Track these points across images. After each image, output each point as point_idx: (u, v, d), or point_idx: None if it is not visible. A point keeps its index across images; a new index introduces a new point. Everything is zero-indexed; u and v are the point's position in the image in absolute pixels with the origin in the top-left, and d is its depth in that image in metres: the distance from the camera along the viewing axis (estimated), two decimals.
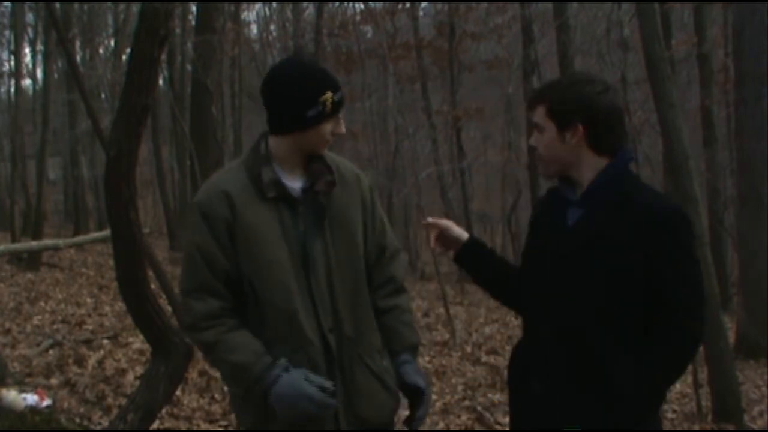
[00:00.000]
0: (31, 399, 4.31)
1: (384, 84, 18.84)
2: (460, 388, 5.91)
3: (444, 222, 2.19)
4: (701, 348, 5.43)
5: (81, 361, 5.79)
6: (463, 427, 4.90)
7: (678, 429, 5.33)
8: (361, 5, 20.06)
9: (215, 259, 1.97)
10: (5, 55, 26.98)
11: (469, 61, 17.80)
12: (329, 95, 2.00)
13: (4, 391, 4.27)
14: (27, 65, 23.86)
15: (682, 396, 6.17)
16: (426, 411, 2.13)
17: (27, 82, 25.27)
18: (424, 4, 19.46)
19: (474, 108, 16.40)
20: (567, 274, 1.87)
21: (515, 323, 9.06)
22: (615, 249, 1.80)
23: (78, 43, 20.04)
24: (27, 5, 18.15)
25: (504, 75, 17.41)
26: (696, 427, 5.27)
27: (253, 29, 23.02)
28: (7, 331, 7.04)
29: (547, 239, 1.97)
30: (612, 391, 1.79)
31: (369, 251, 2.15)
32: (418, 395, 2.12)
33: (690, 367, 5.61)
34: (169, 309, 5.84)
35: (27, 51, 23.58)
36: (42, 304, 8.78)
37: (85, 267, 13.15)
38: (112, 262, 4.46)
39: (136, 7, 14.90)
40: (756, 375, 7.15)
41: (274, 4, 21.07)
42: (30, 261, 11.74)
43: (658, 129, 6.70)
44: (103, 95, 19.58)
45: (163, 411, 4.29)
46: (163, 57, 8.18)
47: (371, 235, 2.15)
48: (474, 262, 2.18)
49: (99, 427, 4.28)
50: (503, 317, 10.07)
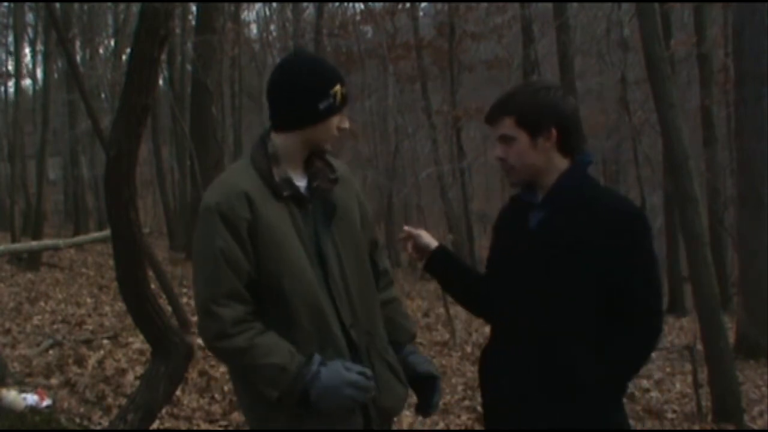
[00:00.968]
0: (31, 399, 4.31)
1: (384, 84, 18.83)
2: (460, 388, 5.91)
3: (417, 231, 2.25)
4: (701, 348, 5.46)
5: (81, 361, 5.79)
6: (463, 427, 4.90)
7: (678, 429, 5.33)
8: (361, 5, 20.06)
9: (239, 264, 1.93)
10: (5, 55, 26.96)
11: (469, 61, 17.80)
12: (339, 87, 2.01)
13: (4, 391, 4.27)
14: (27, 65, 23.90)
15: (682, 396, 6.17)
16: (440, 397, 2.19)
17: (27, 82, 25.32)
18: (424, 4, 19.46)
19: (474, 108, 16.37)
20: (528, 275, 1.92)
21: None
22: (575, 249, 1.85)
23: (78, 43, 20.06)
24: (27, 5, 18.17)
25: (504, 75, 17.41)
26: (696, 427, 5.27)
27: (253, 29, 23.06)
28: (7, 331, 7.04)
29: (510, 243, 2.03)
30: (575, 387, 1.84)
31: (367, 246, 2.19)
32: (431, 383, 2.17)
33: (690, 367, 5.62)
34: (169, 309, 5.84)
35: (27, 51, 23.63)
36: (42, 304, 8.78)
37: (85, 267, 13.16)
38: (112, 262, 4.46)
39: (136, 7, 14.90)
40: (756, 375, 7.15)
41: (274, 4, 21.08)
42: (30, 261, 11.74)
43: (658, 129, 6.71)
44: (103, 95, 19.60)
45: (163, 411, 4.29)
46: (163, 57, 8.18)
47: (367, 231, 2.19)
48: (441, 270, 2.24)
49: (99, 427, 4.27)
50: None
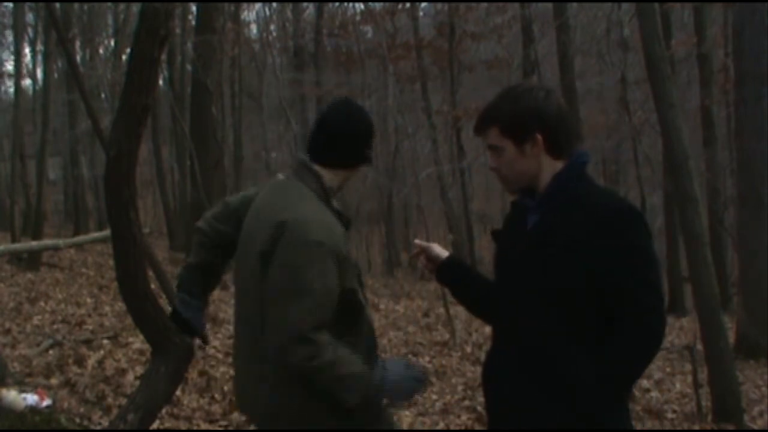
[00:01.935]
0: (31, 399, 4.31)
1: (384, 84, 18.85)
2: (460, 388, 5.91)
3: (427, 244, 2.32)
4: (701, 348, 5.45)
5: (81, 361, 5.78)
6: (463, 427, 4.90)
7: (678, 429, 5.33)
8: (361, 5, 20.07)
9: (336, 295, 2.10)
10: (5, 55, 26.97)
11: (469, 61, 17.81)
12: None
13: (4, 391, 4.27)
14: (27, 65, 23.88)
15: (682, 396, 6.17)
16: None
17: (27, 82, 25.28)
18: (424, 4, 19.48)
19: (474, 108, 16.37)
20: (525, 275, 1.91)
21: None
22: (569, 249, 1.82)
23: (78, 43, 20.05)
24: (27, 5, 18.16)
25: (504, 75, 17.42)
26: (696, 427, 5.27)
27: (253, 29, 23.05)
28: (7, 331, 7.04)
29: (509, 245, 2.03)
30: (573, 388, 1.81)
31: None
32: None
33: (690, 367, 5.62)
34: (169, 309, 5.84)
35: (27, 51, 23.59)
36: (42, 304, 8.78)
37: (85, 267, 13.16)
38: (112, 262, 4.45)
39: (136, 7, 14.91)
40: (756, 375, 7.15)
41: (274, 4, 21.09)
42: (30, 261, 11.74)
43: (658, 129, 6.71)
44: (103, 95, 19.60)
45: (163, 411, 4.30)
46: (163, 57, 8.18)
47: None
48: (452, 278, 2.28)
49: (99, 427, 4.28)
50: None
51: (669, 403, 5.88)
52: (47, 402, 4.46)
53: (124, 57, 18.08)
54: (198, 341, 2.70)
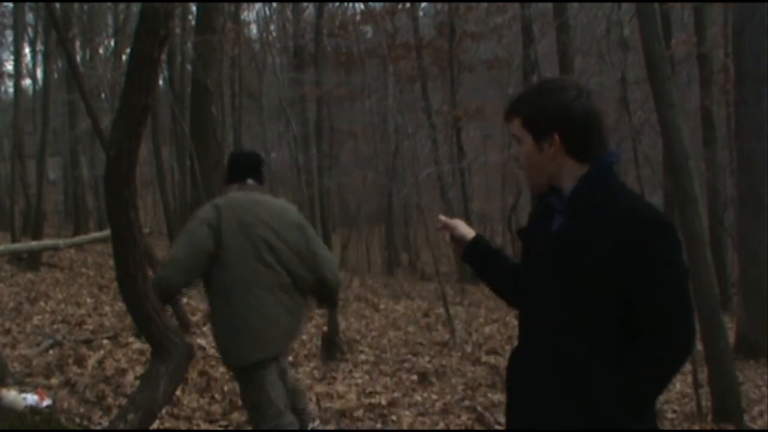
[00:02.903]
0: (31, 399, 4.31)
1: (384, 84, 18.83)
2: (460, 388, 5.91)
3: (453, 222, 2.23)
4: (701, 348, 5.45)
5: (81, 361, 5.78)
6: (463, 427, 4.90)
7: (678, 429, 5.33)
8: (361, 5, 20.07)
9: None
10: (5, 55, 26.97)
11: (469, 61, 17.82)
12: None
13: (4, 391, 4.27)
14: (27, 65, 23.88)
15: (682, 396, 6.18)
16: None
17: (27, 82, 25.28)
18: (424, 4, 19.48)
19: (474, 108, 16.40)
20: (547, 279, 1.87)
21: (515, 323, 9.04)
22: (591, 255, 1.77)
23: (78, 43, 20.04)
24: (27, 5, 18.16)
25: (504, 75, 17.42)
26: (696, 427, 5.27)
27: (253, 29, 23.03)
28: (7, 331, 7.04)
29: (533, 245, 1.98)
30: (591, 401, 1.77)
31: None
32: None
33: (690, 367, 5.62)
34: (169, 309, 5.84)
35: (27, 51, 23.60)
36: (42, 304, 8.78)
37: (85, 267, 13.16)
38: (112, 262, 4.45)
39: (136, 7, 14.91)
40: (756, 375, 7.15)
41: (274, 4, 21.08)
42: (30, 261, 11.74)
43: (658, 129, 6.70)
44: (103, 95, 19.58)
45: (163, 411, 4.29)
46: (163, 57, 8.18)
47: None
48: (478, 259, 2.21)
49: (99, 427, 4.27)
50: (503, 317, 10.08)
51: (669, 403, 5.88)
52: (47, 402, 4.47)
53: (124, 57, 18.07)
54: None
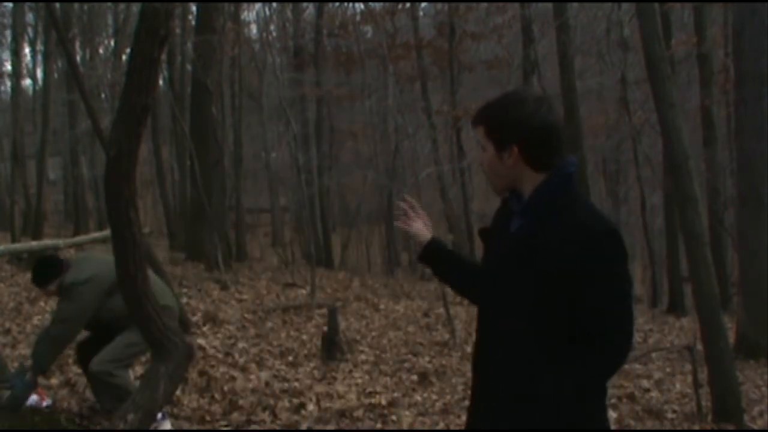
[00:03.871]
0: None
1: (384, 84, 18.83)
2: (460, 388, 5.91)
3: (415, 215, 2.29)
4: (701, 348, 5.46)
5: None
6: (463, 427, 4.89)
7: (678, 429, 5.33)
8: (361, 5, 20.08)
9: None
10: (5, 55, 26.99)
11: (469, 61, 17.81)
12: None
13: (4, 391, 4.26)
14: (27, 65, 23.89)
15: (682, 396, 6.17)
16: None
17: (27, 82, 25.30)
18: (424, 4, 19.47)
19: (474, 108, 16.35)
20: (503, 278, 1.96)
21: None
22: (544, 257, 1.86)
23: (78, 43, 20.06)
24: (27, 5, 18.18)
25: (504, 75, 17.43)
26: (696, 427, 5.27)
27: (253, 29, 23.03)
28: (7, 331, 7.03)
29: (492, 245, 2.07)
30: (540, 399, 1.87)
31: None
32: None
33: (690, 367, 5.62)
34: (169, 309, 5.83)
35: (27, 51, 23.61)
36: (42, 304, 8.76)
37: None
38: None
39: (136, 7, 14.91)
40: (756, 375, 7.15)
41: (274, 4, 21.07)
42: (30, 261, 11.72)
43: (658, 129, 6.72)
44: (103, 95, 19.58)
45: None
46: (163, 57, 8.18)
47: None
48: (435, 261, 2.29)
49: (99, 427, 4.27)
50: None
51: (669, 403, 5.88)
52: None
53: (124, 57, 18.07)
54: None
